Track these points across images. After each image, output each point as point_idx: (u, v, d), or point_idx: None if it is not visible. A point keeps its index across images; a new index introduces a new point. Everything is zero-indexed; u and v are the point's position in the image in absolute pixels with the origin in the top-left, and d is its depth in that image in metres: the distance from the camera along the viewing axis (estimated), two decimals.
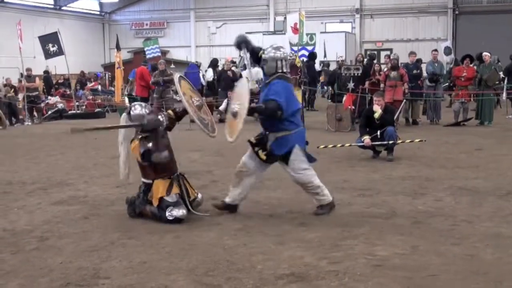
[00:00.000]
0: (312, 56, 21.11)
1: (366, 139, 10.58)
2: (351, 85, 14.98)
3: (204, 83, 21.82)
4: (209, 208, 6.98)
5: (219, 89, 19.31)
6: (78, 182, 9.00)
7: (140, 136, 6.69)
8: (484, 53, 16.60)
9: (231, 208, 6.94)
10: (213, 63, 20.51)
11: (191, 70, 21.96)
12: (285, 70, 6.80)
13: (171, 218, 6.46)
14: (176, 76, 6.89)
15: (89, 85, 27.15)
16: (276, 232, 6.14)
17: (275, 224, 6.47)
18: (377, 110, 10.68)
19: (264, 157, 6.82)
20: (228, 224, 6.47)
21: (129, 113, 6.86)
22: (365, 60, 18.89)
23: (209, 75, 19.84)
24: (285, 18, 24.61)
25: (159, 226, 6.38)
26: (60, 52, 21.25)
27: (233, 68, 19.98)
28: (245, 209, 7.08)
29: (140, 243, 5.83)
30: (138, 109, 6.79)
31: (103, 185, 8.77)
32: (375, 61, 19.43)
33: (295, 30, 16.28)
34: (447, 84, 21.27)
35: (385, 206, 7.20)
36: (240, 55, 32.21)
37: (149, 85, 17.93)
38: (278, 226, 6.39)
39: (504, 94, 18.47)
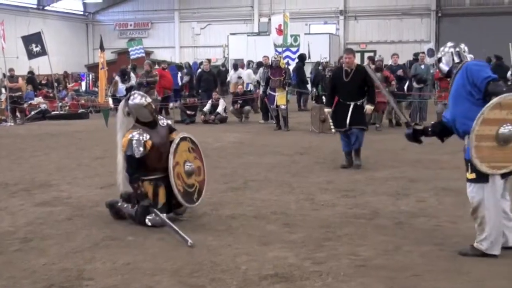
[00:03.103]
0: (301, 57, 21.07)
1: (327, 110, 10.38)
2: None
3: (180, 83, 22.12)
4: (194, 212, 6.97)
5: (200, 90, 19.32)
6: (61, 183, 8.94)
7: (137, 130, 6.54)
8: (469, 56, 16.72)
9: None
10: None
11: (171, 71, 21.96)
12: None
13: (149, 224, 6.40)
14: (177, 138, 6.70)
15: (70, 85, 27.05)
16: (260, 233, 6.15)
17: (259, 225, 6.48)
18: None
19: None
20: (212, 225, 6.47)
21: (127, 101, 6.72)
22: None
23: (186, 79, 19.94)
24: (269, 19, 24.61)
25: (143, 228, 6.36)
26: (43, 52, 21.12)
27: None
28: (229, 210, 7.09)
29: (124, 244, 5.81)
30: (138, 98, 6.63)
31: (87, 186, 8.73)
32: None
33: (280, 31, 16.36)
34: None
35: (368, 207, 7.23)
36: (224, 56, 32.34)
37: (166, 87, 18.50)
38: (262, 227, 6.39)
39: None
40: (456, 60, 5.62)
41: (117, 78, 20.57)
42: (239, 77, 21.77)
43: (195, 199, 6.78)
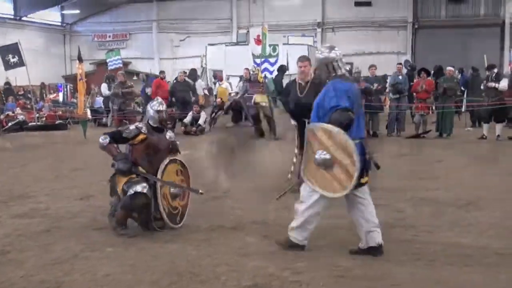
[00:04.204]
0: (281, 68, 20.83)
1: (293, 122, 8.66)
2: None
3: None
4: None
5: (173, 100, 19.08)
6: (39, 195, 8.86)
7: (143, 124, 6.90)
8: (449, 68, 16.90)
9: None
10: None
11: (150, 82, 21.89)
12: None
13: (132, 192, 6.41)
14: (167, 160, 6.77)
15: (51, 96, 26.83)
16: (240, 243, 6.16)
17: (239, 235, 6.48)
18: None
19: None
20: (192, 236, 6.46)
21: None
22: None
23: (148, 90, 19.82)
24: (248, 31, 24.66)
25: (122, 239, 6.33)
26: (20, 63, 20.95)
27: (187, 79, 19.97)
28: (209, 220, 7.07)
29: (104, 256, 5.78)
30: (156, 105, 6.96)
31: (66, 197, 8.67)
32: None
33: (258, 41, 16.39)
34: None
35: (347, 217, 7.23)
36: (202, 66, 32.31)
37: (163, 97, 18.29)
38: (242, 237, 6.40)
39: (464, 107, 18.82)
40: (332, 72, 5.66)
41: (96, 89, 20.45)
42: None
43: (178, 221, 6.81)
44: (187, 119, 17.88)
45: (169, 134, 7.08)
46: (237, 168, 10.64)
